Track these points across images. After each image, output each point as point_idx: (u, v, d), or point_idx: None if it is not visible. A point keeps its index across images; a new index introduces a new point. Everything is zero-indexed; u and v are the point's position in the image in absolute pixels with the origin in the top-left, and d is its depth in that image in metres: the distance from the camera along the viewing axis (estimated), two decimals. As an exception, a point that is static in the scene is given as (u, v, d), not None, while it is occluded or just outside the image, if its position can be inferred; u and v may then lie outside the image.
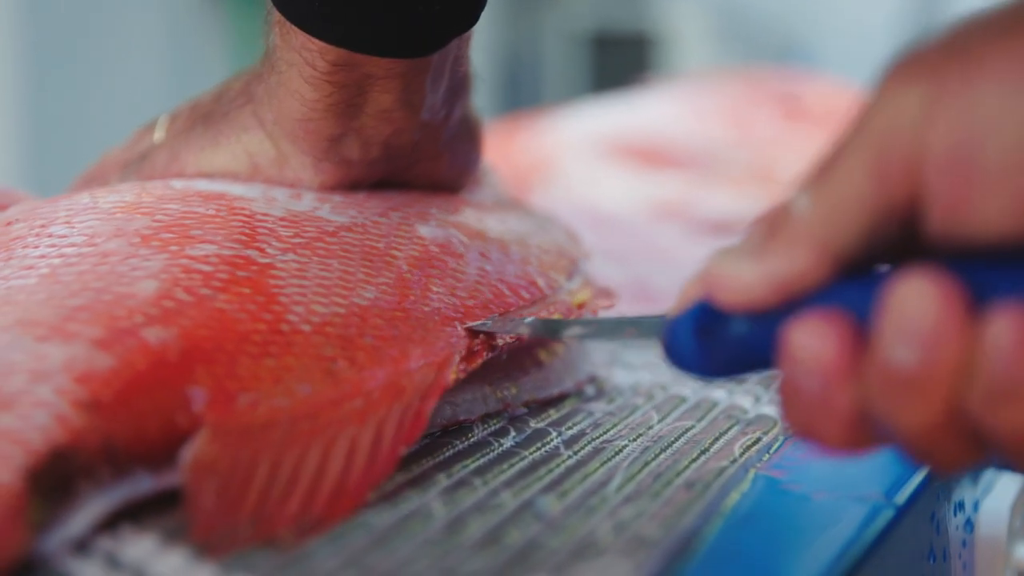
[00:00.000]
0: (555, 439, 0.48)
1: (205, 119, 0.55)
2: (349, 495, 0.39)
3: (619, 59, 3.27)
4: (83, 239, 0.46)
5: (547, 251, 0.58)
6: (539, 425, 0.50)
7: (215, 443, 0.38)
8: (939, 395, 0.31)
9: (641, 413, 0.52)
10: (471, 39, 0.53)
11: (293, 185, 0.53)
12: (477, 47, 0.55)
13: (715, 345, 0.34)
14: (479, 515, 0.40)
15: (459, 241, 0.53)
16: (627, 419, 0.51)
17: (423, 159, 0.55)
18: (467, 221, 0.55)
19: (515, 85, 3.34)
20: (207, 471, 0.38)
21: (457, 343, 0.47)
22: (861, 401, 0.32)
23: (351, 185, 0.54)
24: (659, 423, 0.50)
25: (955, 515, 0.50)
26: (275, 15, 0.50)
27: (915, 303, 0.31)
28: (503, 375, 0.52)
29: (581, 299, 0.55)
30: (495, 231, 0.56)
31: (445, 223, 0.54)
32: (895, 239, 0.32)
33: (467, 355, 0.47)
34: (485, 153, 0.61)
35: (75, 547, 0.36)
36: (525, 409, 0.52)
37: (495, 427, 0.49)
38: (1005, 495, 0.52)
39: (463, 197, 0.59)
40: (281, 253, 0.47)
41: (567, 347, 0.55)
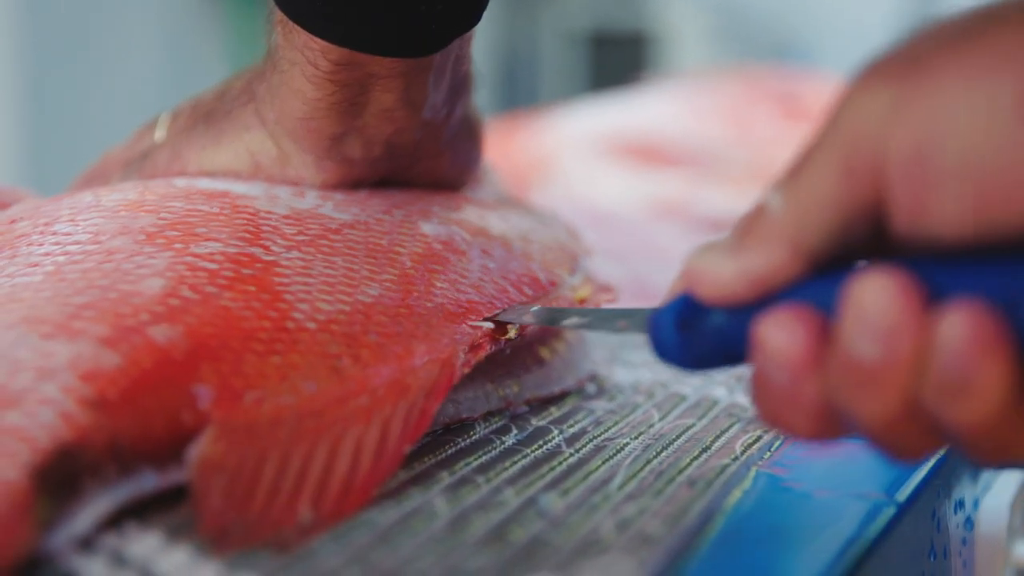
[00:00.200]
0: (557, 437, 0.48)
1: (207, 118, 0.55)
2: (356, 493, 0.39)
3: (616, 58, 3.27)
4: (88, 237, 0.46)
5: (549, 248, 0.58)
6: (541, 423, 0.50)
7: (221, 441, 0.38)
8: (896, 388, 0.32)
9: (642, 411, 0.52)
10: (473, 38, 0.53)
11: (295, 184, 0.53)
12: (474, 46, 0.55)
13: (695, 337, 0.36)
14: (482, 513, 0.40)
15: (462, 238, 0.53)
16: (628, 417, 0.51)
17: (425, 157, 0.55)
18: (469, 219, 0.55)
19: (512, 84, 3.34)
20: (214, 469, 0.38)
21: (461, 340, 0.47)
22: (826, 393, 0.33)
23: (353, 184, 0.54)
24: (660, 421, 0.50)
25: (955, 513, 0.50)
26: (277, 14, 0.50)
27: (874, 299, 0.32)
28: (505, 373, 0.52)
29: (583, 295, 0.56)
30: (497, 228, 0.56)
31: (448, 220, 0.54)
32: (865, 237, 0.33)
33: (470, 348, 0.47)
34: (485, 152, 0.61)
35: (80, 544, 0.36)
36: (526, 407, 0.52)
37: (497, 425, 0.49)
38: (1005, 493, 0.52)
39: (465, 195, 0.59)
40: (285, 251, 0.47)
41: (568, 345, 0.55)
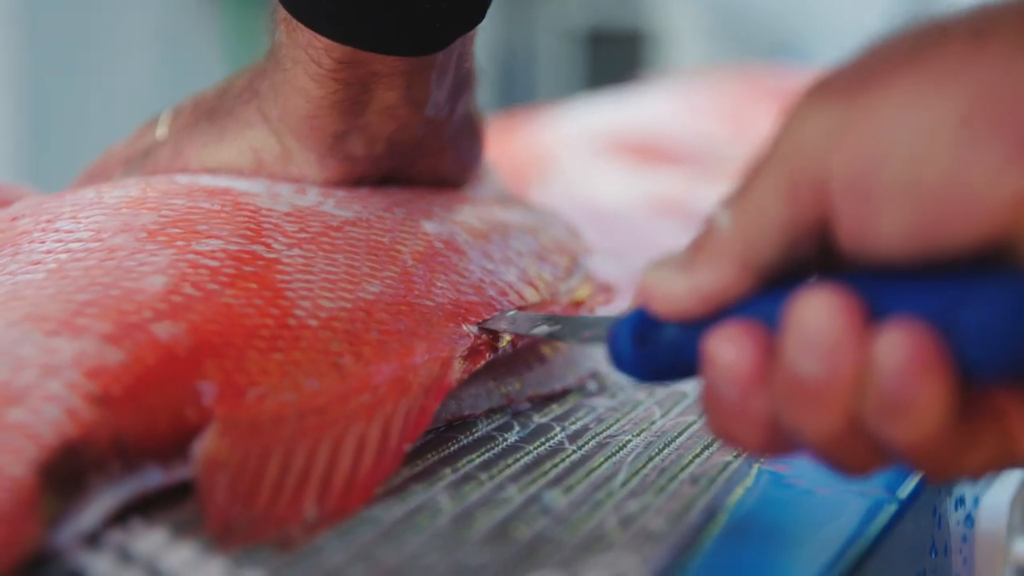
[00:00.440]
0: (559, 434, 0.48)
1: (209, 115, 0.55)
2: (358, 490, 0.39)
3: (613, 56, 3.27)
4: (90, 234, 0.46)
5: (548, 248, 0.58)
6: (543, 420, 0.50)
7: (225, 438, 0.39)
8: (838, 407, 0.32)
9: (643, 408, 0.52)
10: (475, 37, 0.53)
11: (297, 181, 0.53)
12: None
13: (651, 351, 0.36)
14: (486, 509, 0.40)
15: (463, 238, 0.53)
16: (630, 414, 0.51)
17: (427, 155, 0.55)
18: (470, 218, 0.55)
19: (510, 82, 3.34)
20: (218, 465, 0.38)
21: (460, 340, 0.47)
22: (773, 408, 0.33)
23: (355, 181, 0.54)
24: (662, 418, 0.50)
25: (956, 510, 0.50)
26: (281, 12, 0.50)
27: (815, 317, 0.32)
28: (507, 370, 0.52)
29: (581, 296, 0.56)
30: (497, 228, 0.56)
31: (449, 219, 0.54)
32: (813, 253, 0.33)
33: (470, 354, 0.47)
34: (485, 150, 0.61)
35: (86, 541, 0.36)
36: (528, 404, 0.52)
37: (499, 422, 0.49)
38: (1005, 490, 0.52)
39: (466, 194, 0.59)
40: (287, 248, 0.47)
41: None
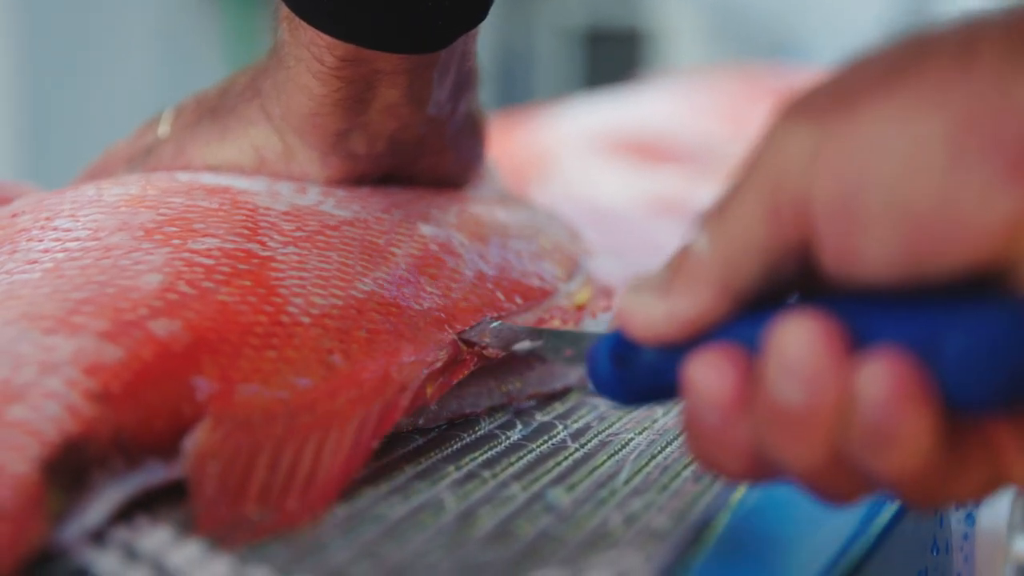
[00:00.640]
0: (562, 432, 0.48)
1: (212, 113, 0.55)
2: (332, 486, 0.39)
3: (611, 55, 3.28)
4: (87, 233, 0.46)
5: (548, 251, 0.58)
6: (545, 418, 0.50)
7: (217, 432, 0.39)
8: (821, 436, 0.31)
9: (645, 407, 0.52)
10: (477, 35, 0.53)
11: (300, 179, 0.53)
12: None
13: (630, 373, 0.35)
14: (490, 507, 0.40)
15: (459, 241, 0.53)
16: (632, 413, 0.51)
17: (429, 154, 0.55)
18: (469, 220, 0.56)
19: (508, 81, 3.34)
20: (209, 458, 0.38)
21: (443, 347, 0.47)
22: (756, 435, 0.32)
23: (357, 179, 0.54)
24: (664, 416, 0.50)
25: (957, 508, 0.50)
26: (283, 10, 0.50)
27: (795, 344, 0.31)
28: (507, 369, 0.52)
29: (581, 300, 0.56)
30: (496, 230, 0.56)
31: (446, 222, 0.54)
32: (794, 275, 0.32)
33: (453, 362, 0.47)
34: (487, 149, 0.61)
35: (92, 538, 0.36)
36: (531, 402, 0.52)
37: (501, 420, 0.49)
38: (1005, 488, 0.52)
39: (467, 194, 0.59)
40: (282, 246, 0.47)
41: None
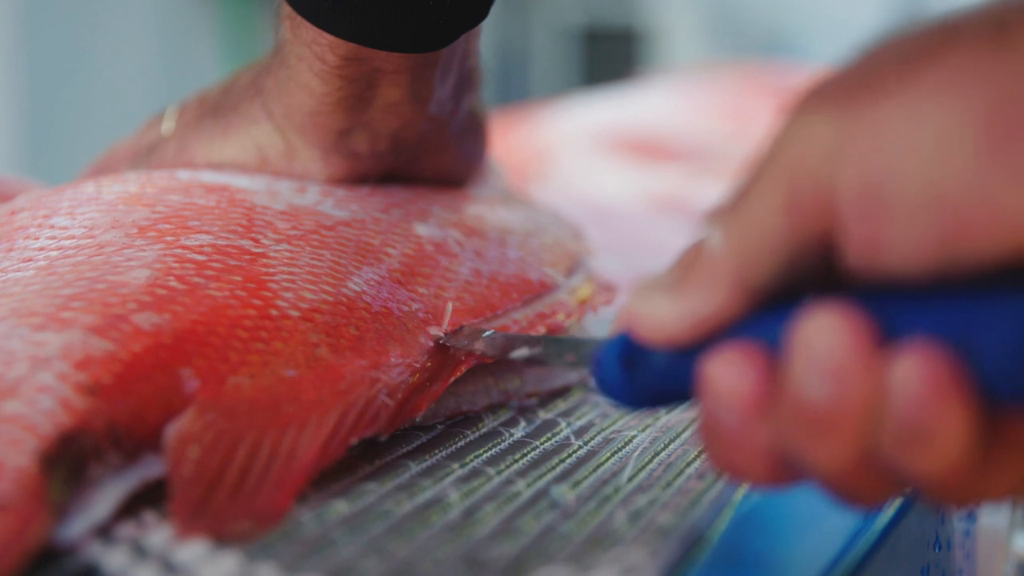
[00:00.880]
0: (565, 429, 0.48)
1: (214, 111, 0.55)
2: (303, 476, 0.39)
3: (608, 53, 3.28)
4: (83, 231, 0.47)
5: (548, 248, 0.58)
6: (548, 416, 0.50)
7: (200, 419, 0.39)
8: (850, 435, 0.30)
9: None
10: (479, 34, 0.53)
11: (302, 177, 0.53)
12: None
13: (639, 377, 0.34)
14: (495, 504, 0.40)
15: (455, 240, 0.53)
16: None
17: (430, 152, 0.55)
18: (467, 219, 0.56)
19: (505, 80, 3.34)
20: (190, 443, 0.38)
21: (430, 351, 0.47)
22: (778, 437, 0.31)
23: (359, 178, 0.54)
24: (666, 414, 0.50)
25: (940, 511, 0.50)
26: (285, 9, 0.50)
27: (823, 339, 0.30)
28: (506, 367, 0.52)
29: (583, 296, 0.56)
30: (495, 229, 0.56)
31: (445, 222, 0.54)
32: (814, 270, 0.31)
33: (441, 369, 0.47)
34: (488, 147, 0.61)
35: (100, 535, 0.36)
36: (533, 400, 0.52)
37: (505, 417, 0.50)
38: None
39: (468, 193, 0.59)
40: (275, 244, 0.47)
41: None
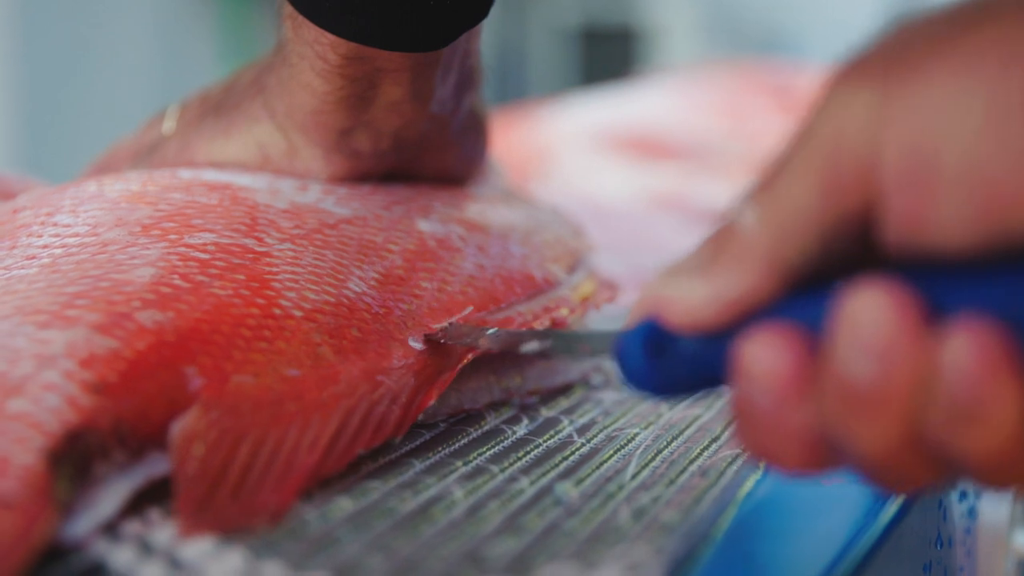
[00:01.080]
0: (567, 427, 0.48)
1: (216, 110, 0.55)
2: (301, 480, 0.40)
3: (605, 53, 3.28)
4: (86, 229, 0.47)
5: (550, 245, 0.58)
6: (550, 414, 0.50)
7: (204, 417, 0.39)
8: (897, 414, 0.29)
9: (650, 402, 0.52)
10: (480, 33, 0.54)
11: (303, 176, 0.53)
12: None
13: (666, 364, 0.33)
14: (499, 501, 0.40)
15: (458, 236, 0.53)
16: (636, 407, 0.51)
17: (432, 151, 0.55)
18: (469, 215, 0.56)
19: (503, 79, 3.34)
20: (194, 440, 0.38)
21: (433, 353, 0.47)
22: (816, 419, 0.30)
23: (361, 176, 0.54)
24: (668, 411, 0.51)
25: (960, 502, 0.50)
26: (287, 8, 0.50)
27: (869, 315, 0.29)
28: (509, 364, 0.52)
29: (584, 293, 0.56)
30: (497, 225, 0.56)
31: (447, 218, 0.54)
32: (848, 250, 0.31)
33: (444, 367, 0.47)
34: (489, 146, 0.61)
35: (106, 533, 0.36)
36: (535, 398, 0.52)
37: (507, 415, 0.50)
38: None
39: (469, 190, 0.59)
40: (278, 243, 0.47)
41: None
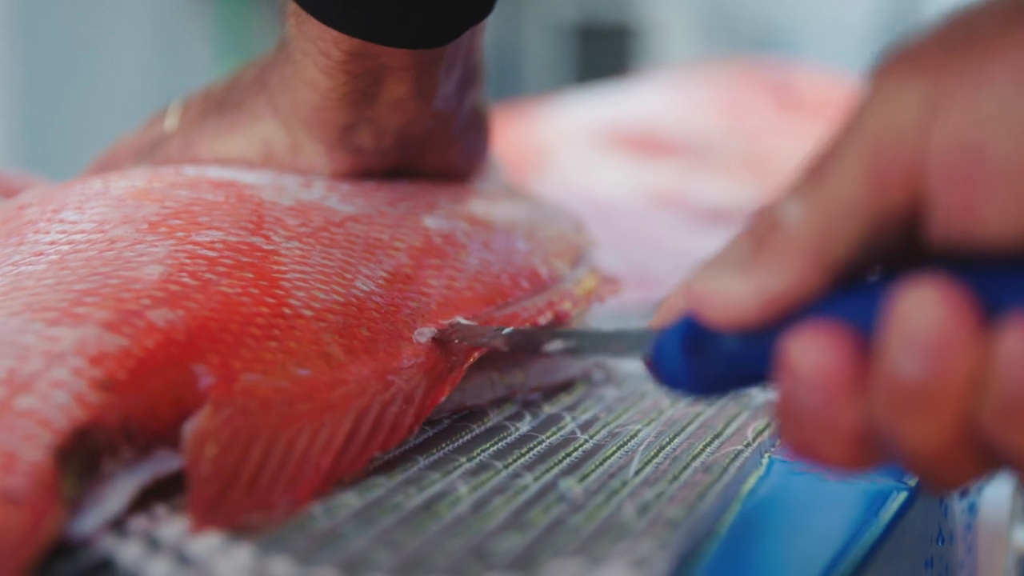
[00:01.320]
0: (570, 423, 0.49)
1: (219, 107, 0.56)
2: (320, 480, 0.40)
3: (602, 50, 3.28)
4: (93, 226, 0.47)
5: (552, 240, 0.58)
6: (553, 410, 0.50)
7: (216, 417, 0.39)
8: (949, 410, 0.29)
9: (651, 398, 0.52)
10: (483, 30, 0.54)
11: (306, 173, 0.54)
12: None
13: (705, 363, 0.33)
14: (503, 497, 0.40)
15: (463, 232, 0.53)
16: (638, 404, 0.52)
17: (434, 148, 0.56)
18: (473, 211, 0.56)
19: (499, 76, 3.34)
20: (207, 441, 0.38)
21: (443, 353, 0.47)
22: (865, 417, 0.30)
23: (363, 173, 0.54)
24: (671, 408, 0.51)
25: (960, 498, 0.51)
26: (291, 5, 0.50)
27: (923, 314, 0.29)
28: (511, 361, 0.52)
29: (587, 287, 0.56)
30: (501, 221, 0.56)
31: (451, 214, 0.54)
32: (893, 245, 0.31)
33: (456, 365, 0.47)
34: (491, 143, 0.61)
35: (113, 529, 0.36)
36: (537, 394, 0.52)
37: (510, 412, 0.50)
38: (1007, 480, 0.52)
39: (471, 187, 0.59)
40: (285, 240, 0.47)
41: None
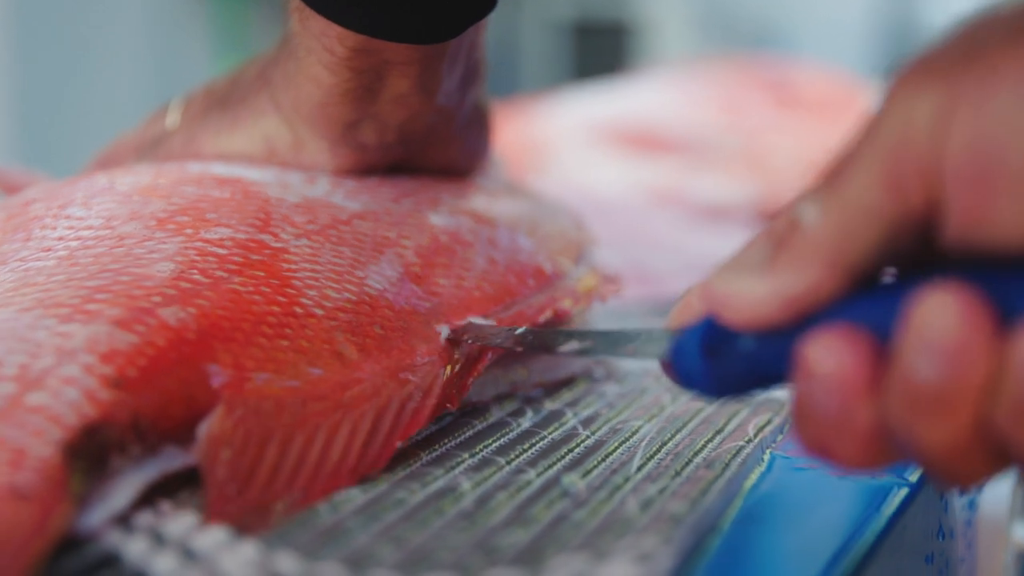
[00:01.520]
0: (572, 419, 0.49)
1: (221, 103, 0.56)
2: (342, 479, 0.40)
3: (599, 47, 3.28)
4: (100, 222, 0.47)
5: (554, 238, 0.58)
6: (554, 406, 0.51)
7: (230, 418, 0.39)
8: (965, 412, 0.30)
9: (652, 394, 0.52)
10: (485, 26, 0.54)
11: (309, 169, 0.54)
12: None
13: (723, 364, 0.33)
14: (506, 493, 0.40)
15: (468, 229, 0.53)
16: (639, 400, 0.52)
17: (437, 144, 0.56)
18: (477, 208, 0.56)
19: (495, 73, 3.34)
20: (221, 443, 0.38)
21: (457, 348, 0.47)
22: (880, 418, 0.31)
23: (366, 169, 0.54)
24: (672, 404, 0.51)
25: (960, 494, 0.51)
26: (294, 1, 0.50)
27: (940, 319, 0.29)
28: (513, 358, 0.52)
29: (588, 285, 0.56)
30: (504, 218, 0.56)
31: (456, 210, 0.54)
32: (909, 249, 0.31)
33: (470, 363, 0.47)
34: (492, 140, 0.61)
35: (119, 524, 0.36)
36: (539, 391, 0.52)
37: (512, 407, 0.50)
38: (1007, 476, 0.53)
39: (474, 183, 0.59)
40: (294, 238, 0.47)
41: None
